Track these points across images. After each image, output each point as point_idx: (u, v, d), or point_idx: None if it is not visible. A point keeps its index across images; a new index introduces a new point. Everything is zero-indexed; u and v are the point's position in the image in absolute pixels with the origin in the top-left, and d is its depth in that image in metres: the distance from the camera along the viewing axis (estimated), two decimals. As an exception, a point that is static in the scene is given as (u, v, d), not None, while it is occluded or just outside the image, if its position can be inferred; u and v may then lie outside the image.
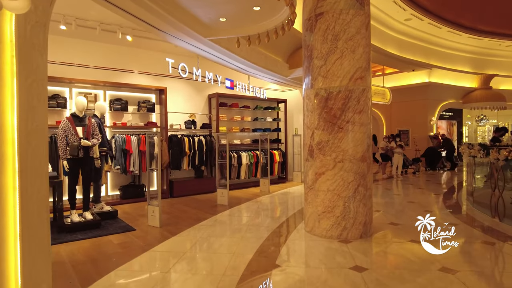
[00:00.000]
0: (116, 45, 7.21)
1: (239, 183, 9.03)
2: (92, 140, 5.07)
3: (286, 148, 10.12)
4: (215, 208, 6.42)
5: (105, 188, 7.09)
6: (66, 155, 4.90)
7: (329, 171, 4.33)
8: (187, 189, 7.85)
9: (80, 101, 5.05)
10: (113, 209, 5.80)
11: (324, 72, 4.41)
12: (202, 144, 8.04)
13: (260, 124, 9.89)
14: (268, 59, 7.39)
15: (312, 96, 4.54)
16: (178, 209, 6.46)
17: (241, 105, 9.25)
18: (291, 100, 10.40)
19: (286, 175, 10.08)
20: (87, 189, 5.14)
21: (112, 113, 7.18)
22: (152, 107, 7.52)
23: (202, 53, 5.91)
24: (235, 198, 7.37)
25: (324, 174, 4.39)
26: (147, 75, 7.73)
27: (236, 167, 8.69)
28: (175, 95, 8.14)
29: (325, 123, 4.39)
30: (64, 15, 5.56)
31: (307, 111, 4.66)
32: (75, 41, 6.75)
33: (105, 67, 7.14)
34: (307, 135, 4.67)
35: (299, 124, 10.26)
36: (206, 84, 8.65)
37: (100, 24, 5.92)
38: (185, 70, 5.72)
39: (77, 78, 6.62)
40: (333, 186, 4.31)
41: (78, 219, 4.94)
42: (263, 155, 8.92)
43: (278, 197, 7.63)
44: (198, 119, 8.49)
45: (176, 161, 7.65)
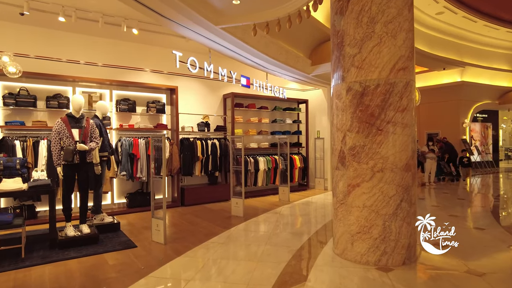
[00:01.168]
0: (122, 41, 6.68)
1: (256, 191, 8.31)
2: (89, 143, 4.48)
3: (307, 152, 9.33)
4: (229, 220, 5.72)
5: (110, 195, 6.53)
6: (60, 161, 4.33)
7: (366, 182, 3.55)
8: (199, 197, 7.20)
9: (76, 99, 4.47)
10: (115, 220, 5.20)
11: (358, 62, 3.64)
12: (216, 148, 7.38)
13: (279, 126, 9.15)
14: (289, 54, 6.66)
15: (344, 92, 3.77)
16: (188, 220, 5.80)
17: (258, 105, 8.54)
18: (313, 101, 9.61)
19: (307, 182, 9.28)
20: (84, 198, 4.55)
21: (118, 114, 6.64)
22: (162, 108, 6.93)
23: (214, 45, 5.25)
24: (252, 208, 6.65)
25: (358, 186, 3.61)
26: (157, 73, 7.16)
27: (252, 173, 7.98)
28: (187, 95, 7.53)
29: (360, 124, 3.61)
30: (62, 6, 5.03)
31: (337, 110, 3.90)
32: (78, 36, 6.25)
33: (113, 64, 6.61)
34: (337, 139, 3.90)
35: (321, 126, 9.46)
36: (220, 83, 8.02)
37: (103, 16, 5.37)
38: (195, 65, 5.09)
39: (81, 77, 6.11)
40: (370, 201, 3.52)
41: (73, 233, 4.35)
42: (282, 160, 8.17)
43: (299, 207, 6.85)
44: (212, 121, 7.84)
45: (188, 166, 7.01)
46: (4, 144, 5.30)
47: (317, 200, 7.55)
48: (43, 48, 5.94)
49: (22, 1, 4.80)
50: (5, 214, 3.96)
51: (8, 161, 4.52)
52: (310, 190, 9.11)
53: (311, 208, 6.75)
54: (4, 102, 5.40)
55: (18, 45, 5.69)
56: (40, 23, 5.75)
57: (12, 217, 3.91)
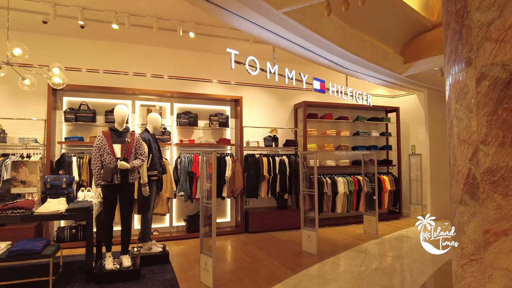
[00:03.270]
0: (183, 50, 6.20)
1: (334, 218, 6.94)
2: (133, 161, 3.85)
3: (399, 172, 7.61)
4: (298, 259, 4.54)
5: (169, 218, 5.94)
6: (100, 181, 3.77)
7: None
8: (265, 223, 6.17)
9: (118, 110, 3.92)
10: (165, 250, 4.48)
11: (498, 32, 2.23)
12: (285, 165, 6.32)
13: (362, 140, 7.68)
14: (375, 50, 5.33)
15: (471, 82, 2.37)
16: (249, 253, 4.80)
17: (336, 116, 7.26)
18: (406, 108, 7.91)
19: (400, 209, 7.53)
20: (126, 225, 3.91)
21: (179, 128, 6.09)
22: (225, 121, 6.19)
23: (279, 41, 4.28)
24: (328, 243, 5.34)
25: (507, 236, 2.14)
26: (221, 84, 6.50)
27: (330, 196, 6.66)
28: (253, 106, 6.69)
29: (507, 132, 2.18)
30: (116, 12, 4.67)
31: (460, 110, 2.50)
32: (137, 47, 5.94)
33: (174, 76, 6.16)
34: (461, 156, 2.49)
35: (417, 139, 7.68)
36: (290, 92, 7.01)
37: (157, 20, 4.87)
38: (255, 67, 4.18)
39: (141, 89, 5.74)
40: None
41: (111, 265, 3.70)
42: (367, 181, 6.69)
43: (391, 244, 5.30)
44: (281, 135, 6.83)
45: (252, 187, 6.07)
46: (63, 161, 5.10)
47: (414, 235, 5.85)
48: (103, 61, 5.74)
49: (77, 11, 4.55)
50: (38, 240, 3.50)
51: (55, 180, 4.16)
52: (404, 219, 7.34)
53: (407, 247, 5.13)
54: (65, 117, 5.25)
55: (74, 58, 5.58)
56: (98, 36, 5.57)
57: (43, 244, 3.42)
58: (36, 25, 5.00)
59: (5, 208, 3.45)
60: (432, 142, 7.16)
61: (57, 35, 5.46)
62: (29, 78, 4.23)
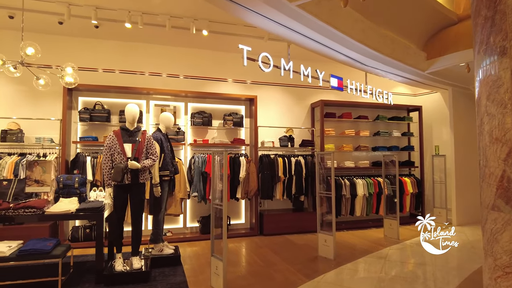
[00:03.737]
0: (197, 49, 6.13)
1: (353, 222, 6.68)
2: (144, 161, 3.78)
3: (422, 174, 7.26)
4: (314, 264, 4.35)
5: (182, 219, 5.87)
6: (111, 181, 3.72)
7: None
8: (280, 225, 5.99)
9: (129, 109, 3.86)
10: (177, 252, 4.39)
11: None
12: (301, 166, 6.12)
13: (383, 140, 7.38)
14: (396, 45, 5.06)
15: (506, 74, 2.14)
16: (262, 257, 4.64)
17: (355, 115, 7.00)
18: (429, 107, 7.55)
19: (422, 213, 7.17)
20: (137, 226, 3.84)
21: (193, 128, 6.02)
22: (239, 121, 6.06)
23: (294, 36, 4.11)
24: (346, 247, 5.12)
25: (549, 247, 1.90)
26: (236, 83, 6.38)
27: (348, 199, 6.41)
28: (268, 105, 6.54)
29: (549, 129, 1.94)
30: (129, 11, 4.63)
31: (493, 106, 2.26)
32: (153, 46, 5.91)
33: (189, 75, 6.10)
34: (494, 156, 2.25)
35: (441, 140, 7.31)
36: (307, 91, 6.82)
37: (170, 18, 4.80)
38: (268, 63, 4.03)
39: (156, 88, 5.70)
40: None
41: (121, 267, 3.64)
42: (388, 183, 6.40)
43: (413, 250, 5.01)
44: (297, 135, 6.64)
45: (267, 188, 5.91)
46: (77, 161, 5.12)
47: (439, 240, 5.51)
48: (119, 61, 5.75)
49: (91, 11, 4.54)
50: (48, 240, 3.48)
51: (67, 179, 4.16)
52: (427, 223, 6.96)
53: (431, 253, 4.82)
54: (80, 117, 5.27)
55: (91, 59, 5.61)
56: (114, 36, 5.58)
57: (53, 244, 3.39)
58: (52, 27, 5.04)
59: (17, 207, 3.45)
60: (457, 142, 6.78)
61: (74, 36, 5.50)
62: (44, 78, 4.25)
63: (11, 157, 4.91)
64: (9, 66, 4.00)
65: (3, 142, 4.96)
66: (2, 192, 3.98)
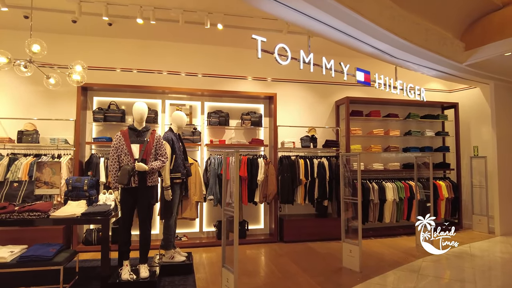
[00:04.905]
0: (214, 46, 5.88)
1: (382, 229, 6.17)
2: (152, 163, 3.55)
3: (459, 177, 6.61)
4: (337, 277, 3.94)
5: (198, 223, 5.62)
6: (117, 184, 3.51)
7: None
8: (302, 232, 5.60)
9: (136, 107, 3.64)
10: (189, 260, 4.13)
11: None
12: (324, 169, 5.70)
13: (415, 140, 6.80)
14: (430, 34, 4.55)
15: None
16: (280, 267, 4.28)
17: (384, 113, 6.48)
18: (466, 104, 6.88)
19: (459, 220, 6.52)
20: (145, 232, 3.61)
21: (210, 128, 5.77)
22: (258, 120, 5.74)
23: (314, 25, 3.73)
24: (374, 258, 4.65)
25: None
26: (255, 80, 6.08)
27: (376, 204, 5.92)
28: (289, 103, 6.17)
29: None
30: (141, 6, 4.44)
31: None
32: (169, 44, 5.73)
33: (207, 73, 5.86)
34: None
35: (481, 140, 6.63)
36: (331, 88, 6.39)
37: (183, 12, 4.57)
38: (286, 56, 3.67)
39: (171, 87, 5.50)
40: None
41: (127, 275, 3.41)
42: (420, 187, 5.85)
43: (450, 263, 4.47)
44: (320, 135, 6.22)
45: (287, 191, 5.54)
46: (91, 162, 5.00)
47: (480, 252, 4.93)
48: (136, 60, 5.60)
49: (102, 7, 4.39)
50: (52, 245, 3.32)
51: (76, 181, 4.00)
52: (464, 232, 6.33)
53: (472, 267, 4.26)
54: (94, 117, 5.15)
55: (107, 58, 5.50)
56: (130, 35, 5.43)
57: (56, 250, 3.21)
58: (66, 26, 4.95)
59: (22, 210, 3.31)
60: (500, 142, 6.10)
61: (88, 35, 5.41)
62: (54, 77, 4.13)
63: (27, 158, 4.86)
64: (20, 64, 3.91)
65: (19, 143, 4.93)
66: (12, 194, 3.90)
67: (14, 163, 4.72)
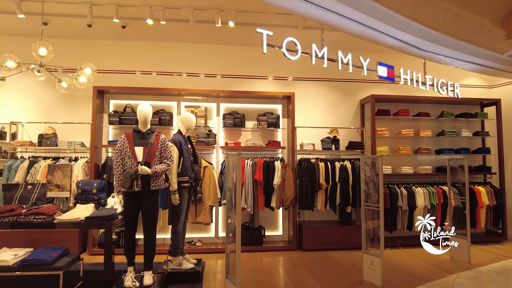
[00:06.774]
0: (229, 45, 5.71)
1: (411, 237, 5.63)
2: (156, 166, 3.42)
3: (501, 182, 5.92)
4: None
5: (214, 227, 5.46)
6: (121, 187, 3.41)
7: None
8: (322, 240, 5.26)
9: (141, 109, 3.53)
10: (197, 267, 3.95)
11: None
12: (347, 172, 5.32)
13: (449, 142, 6.20)
14: (463, 22, 4.07)
15: None
16: (296, 279, 3.99)
17: (414, 112, 5.97)
18: (509, 101, 6.18)
19: (503, 230, 5.84)
20: (149, 237, 3.47)
21: (225, 130, 5.60)
22: (275, 121, 5.48)
23: (328, 17, 3.43)
24: (400, 270, 4.22)
25: None
26: (272, 80, 5.83)
27: (405, 211, 5.43)
28: (309, 103, 5.86)
29: None
30: (150, 6, 4.37)
31: None
32: (185, 45, 5.64)
33: (223, 74, 5.72)
34: None
35: (528, 140, 5.90)
36: (355, 86, 6.01)
37: (194, 11, 4.44)
38: (295, 51, 3.38)
39: (186, 89, 5.41)
40: None
41: (129, 283, 3.29)
42: (456, 193, 5.29)
43: (492, 280, 3.93)
44: (343, 136, 5.84)
45: (306, 197, 5.23)
46: (106, 165, 5.01)
47: (528, 268, 4.32)
48: (154, 62, 5.58)
49: (113, 9, 4.38)
50: (55, 249, 3.28)
51: (86, 184, 3.99)
52: (509, 243, 5.65)
53: (518, 287, 3.72)
54: (110, 120, 5.16)
55: (124, 61, 5.51)
56: (142, 37, 5.41)
57: (58, 254, 3.16)
58: (83, 32, 5.01)
59: (28, 213, 3.30)
60: (552, 143, 5.39)
61: (104, 39, 5.46)
62: (66, 81, 4.15)
63: (46, 161, 4.96)
64: (35, 69, 3.97)
65: (39, 146, 5.05)
66: (26, 197, 3.95)
67: (34, 166, 4.83)
